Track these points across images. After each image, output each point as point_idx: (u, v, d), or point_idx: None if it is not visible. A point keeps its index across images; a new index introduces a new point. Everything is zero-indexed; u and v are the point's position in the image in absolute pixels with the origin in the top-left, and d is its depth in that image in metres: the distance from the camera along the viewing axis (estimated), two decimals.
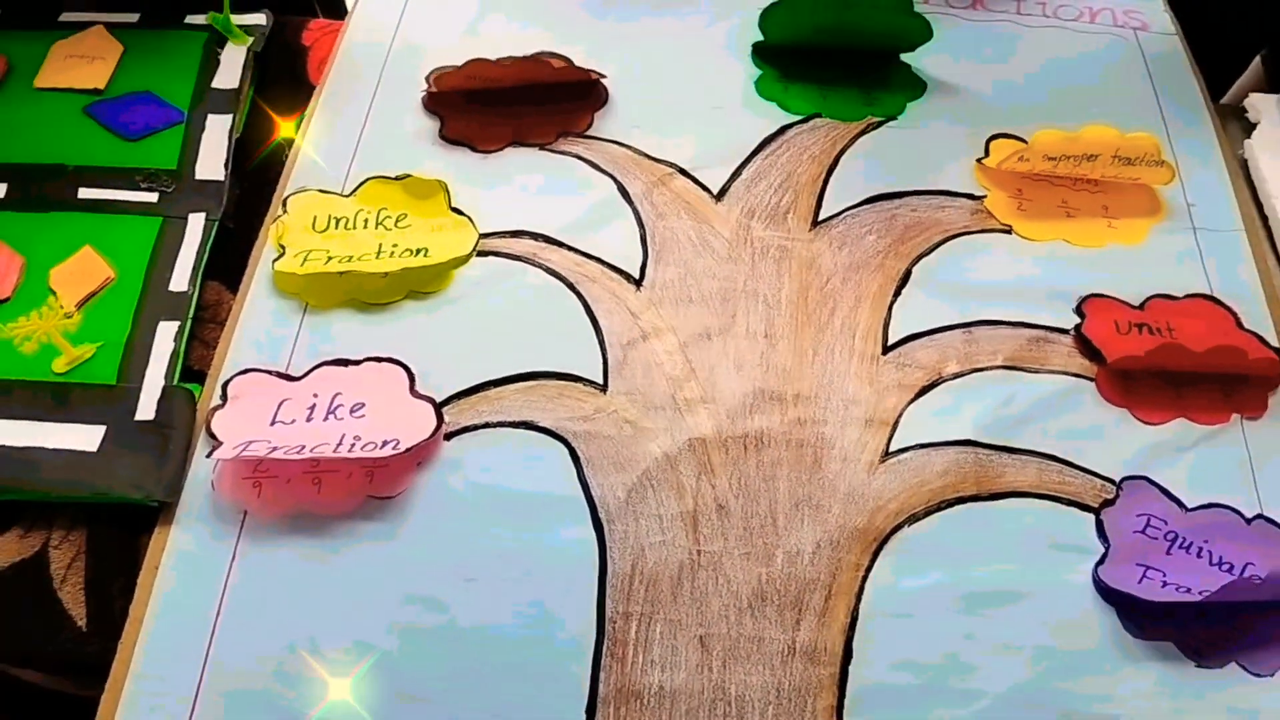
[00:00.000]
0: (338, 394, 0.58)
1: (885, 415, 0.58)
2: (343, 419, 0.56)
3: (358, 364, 0.59)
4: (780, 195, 0.67)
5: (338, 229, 0.64)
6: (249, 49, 0.71)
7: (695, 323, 0.61)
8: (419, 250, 0.62)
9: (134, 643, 0.51)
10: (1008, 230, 0.66)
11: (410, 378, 0.58)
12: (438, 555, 0.53)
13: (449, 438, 0.57)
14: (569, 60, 0.72)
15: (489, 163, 0.68)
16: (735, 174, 0.68)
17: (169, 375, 0.57)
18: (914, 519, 0.55)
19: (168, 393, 0.57)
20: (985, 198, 0.68)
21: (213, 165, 0.66)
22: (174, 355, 0.58)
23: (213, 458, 0.54)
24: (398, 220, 0.64)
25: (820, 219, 0.66)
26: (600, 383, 0.59)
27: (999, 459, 0.57)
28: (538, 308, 0.61)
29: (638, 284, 0.63)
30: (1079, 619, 0.53)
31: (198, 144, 0.67)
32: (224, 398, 0.57)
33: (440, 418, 0.57)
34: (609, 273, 0.63)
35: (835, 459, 0.57)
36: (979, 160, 0.70)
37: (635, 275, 0.63)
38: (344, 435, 0.55)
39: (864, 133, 0.71)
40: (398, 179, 0.66)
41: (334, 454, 0.54)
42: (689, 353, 0.60)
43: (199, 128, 0.68)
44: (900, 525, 0.55)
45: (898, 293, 0.63)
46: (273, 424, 0.56)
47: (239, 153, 0.68)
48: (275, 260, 0.62)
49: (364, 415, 0.57)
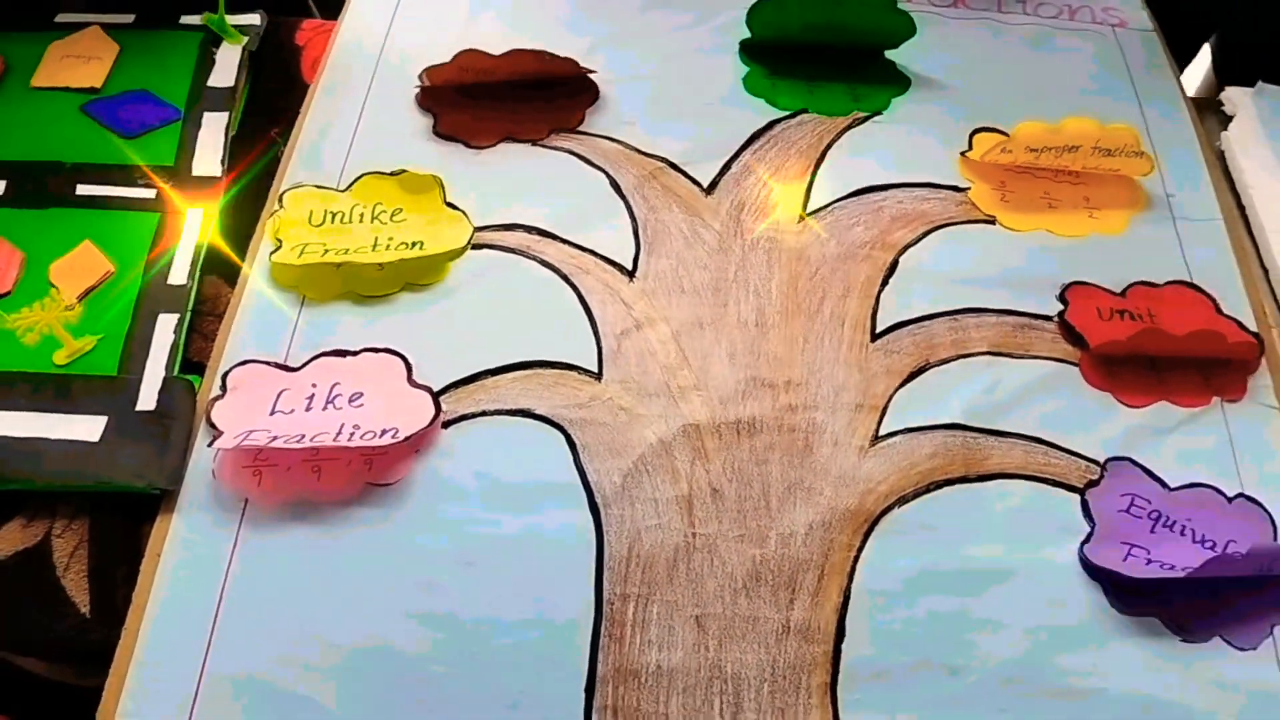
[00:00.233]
0: (336, 384, 0.58)
1: (874, 401, 0.59)
2: (341, 408, 0.57)
3: (355, 354, 0.60)
4: (769, 189, 0.68)
5: (334, 223, 0.64)
6: (244, 48, 0.72)
7: (688, 312, 0.62)
8: (414, 243, 0.63)
9: (137, 629, 0.51)
10: (992, 221, 0.68)
11: (408, 367, 0.59)
12: (436, 540, 0.54)
13: (447, 426, 0.58)
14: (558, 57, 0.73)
15: (482, 158, 0.69)
16: (725, 168, 0.69)
17: (169, 366, 0.58)
18: (903, 500, 0.56)
19: (168, 383, 0.57)
20: (969, 190, 0.69)
21: (210, 162, 0.67)
22: (174, 347, 0.59)
23: (213, 447, 0.55)
24: (393, 215, 0.65)
25: (809, 211, 0.67)
26: (595, 371, 0.60)
27: (986, 442, 0.58)
28: (533, 299, 0.62)
29: (631, 275, 0.64)
30: (1066, 596, 0.54)
31: (194, 141, 0.68)
32: (223, 388, 0.58)
33: (438, 406, 0.58)
34: (602, 264, 0.64)
35: (826, 443, 0.58)
36: (963, 153, 0.71)
37: (628, 267, 0.64)
38: (343, 424, 0.56)
39: (850, 127, 0.73)
40: (393, 174, 0.67)
41: (333, 443, 0.54)
42: (682, 341, 0.61)
43: (195, 125, 0.68)
44: (890, 507, 0.56)
45: (885, 282, 0.64)
46: (272, 414, 0.57)
47: (234, 149, 0.68)
48: (273, 253, 0.63)
49: (362, 405, 0.58)
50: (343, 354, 0.60)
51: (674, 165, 0.69)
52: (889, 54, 0.77)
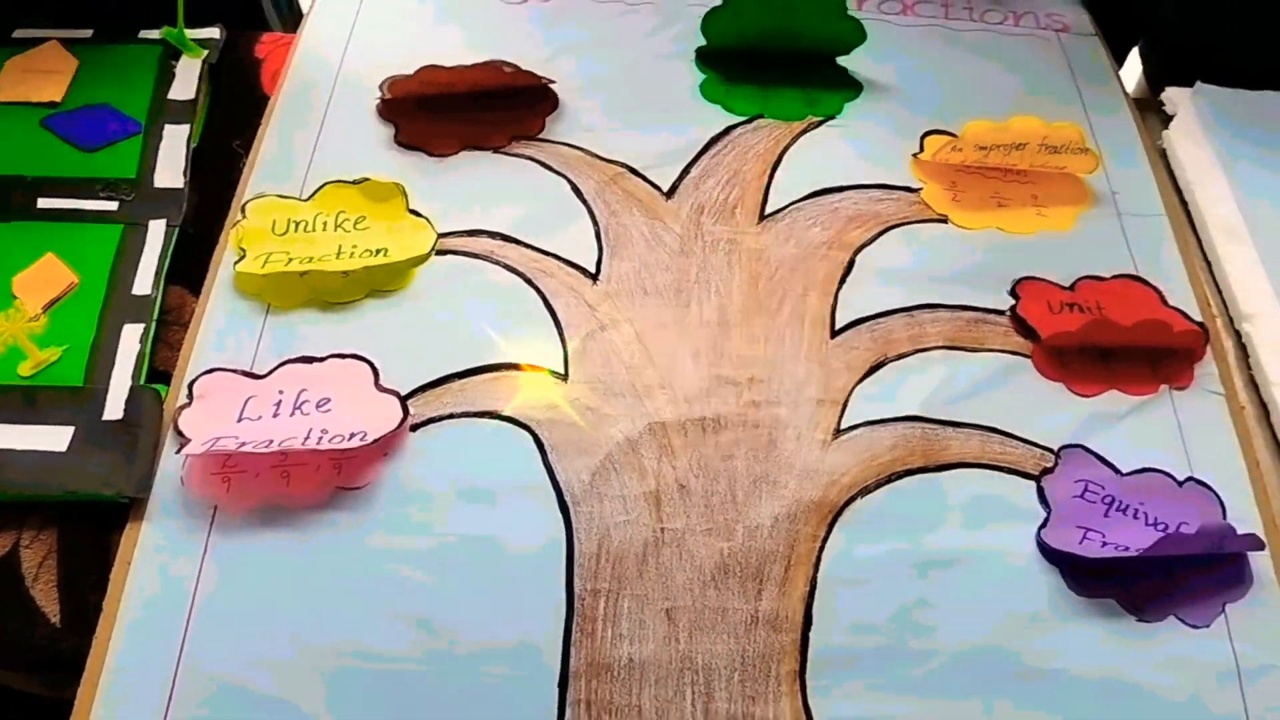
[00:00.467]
0: (303, 390, 0.59)
1: (835, 395, 0.61)
2: (309, 414, 0.58)
3: (322, 361, 0.60)
4: (728, 192, 0.70)
5: (297, 232, 0.65)
6: (204, 61, 0.73)
7: (651, 313, 0.63)
8: (378, 250, 0.64)
9: (109, 637, 0.51)
10: (944, 220, 0.70)
11: (374, 372, 0.60)
12: (408, 542, 0.54)
13: (415, 429, 0.58)
14: (519, 68, 0.74)
15: (444, 166, 0.70)
16: (684, 172, 0.71)
17: (135, 376, 0.58)
18: (866, 491, 0.57)
19: (135, 392, 0.57)
20: (922, 190, 0.71)
21: (171, 174, 0.67)
22: (140, 356, 0.59)
23: (182, 453, 0.55)
24: (356, 222, 0.66)
25: (767, 213, 0.69)
26: (562, 372, 0.60)
27: (944, 432, 0.60)
28: (498, 302, 0.63)
29: (594, 278, 0.65)
30: (1025, 580, 0.55)
31: (156, 153, 0.68)
32: (190, 397, 0.58)
33: (406, 410, 0.58)
34: (566, 268, 0.65)
35: (790, 438, 0.59)
36: (914, 155, 0.73)
37: (591, 270, 0.65)
38: (311, 429, 0.56)
39: (805, 132, 0.74)
40: (355, 183, 0.68)
41: (302, 446, 0.55)
42: (646, 342, 0.62)
43: (157, 138, 0.69)
44: (853, 497, 0.57)
45: (843, 281, 0.66)
46: (240, 420, 0.57)
47: (197, 161, 0.69)
48: (236, 263, 0.63)
49: (330, 410, 0.58)
50: (309, 360, 0.60)
51: (634, 170, 0.70)
52: (841, 60, 0.78)
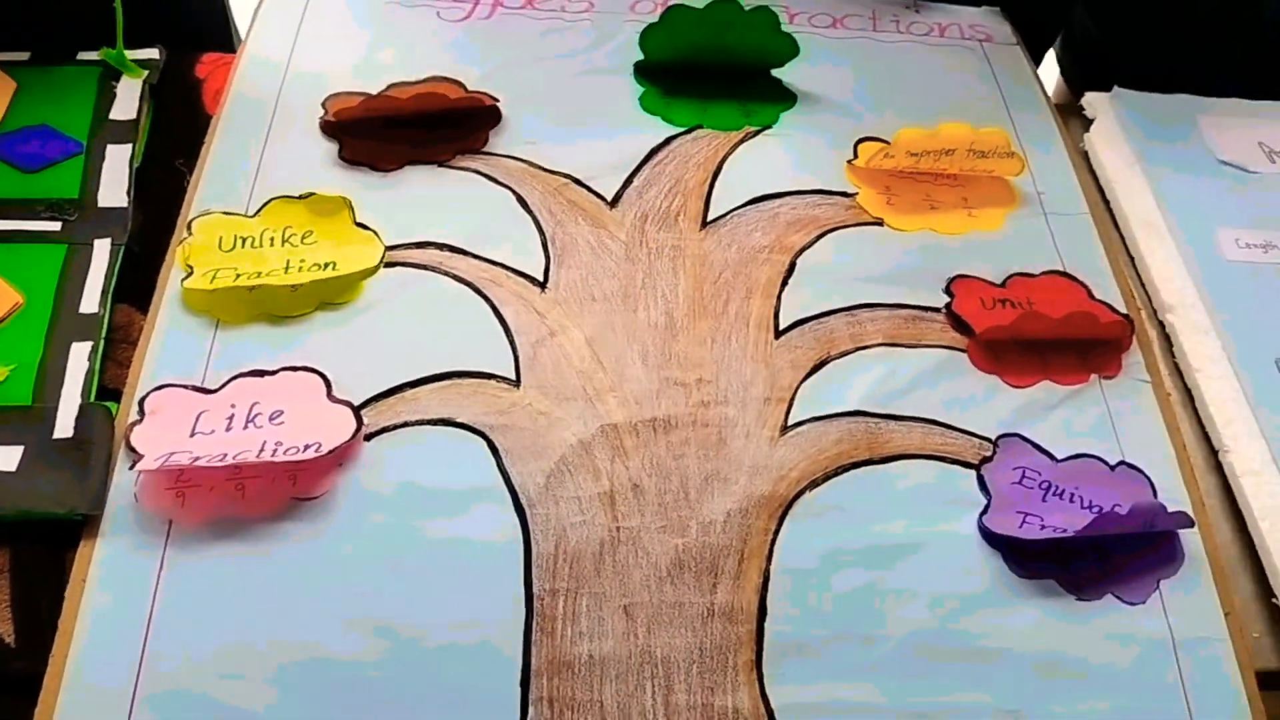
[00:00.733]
0: (255, 403, 0.59)
1: (781, 393, 0.62)
2: (262, 426, 0.58)
3: (273, 374, 0.60)
4: (670, 200, 0.71)
5: (244, 248, 0.65)
6: (144, 81, 0.73)
7: (600, 319, 0.64)
8: (327, 264, 0.64)
9: (65, 655, 0.51)
10: (879, 223, 0.72)
11: (327, 384, 0.60)
12: (365, 549, 0.55)
13: (369, 438, 0.58)
14: (462, 84, 0.75)
15: (389, 180, 0.71)
16: (627, 182, 0.72)
17: (85, 394, 0.58)
18: (814, 484, 0.59)
19: (85, 410, 0.57)
20: (857, 195, 0.73)
21: (115, 193, 0.67)
22: (89, 374, 0.59)
23: (135, 469, 0.55)
24: (303, 237, 0.66)
25: (709, 220, 0.71)
26: (513, 379, 0.61)
27: (887, 426, 0.62)
28: (448, 312, 0.64)
29: (542, 286, 0.66)
30: (969, 564, 0.57)
31: (99, 173, 0.68)
32: (141, 413, 0.58)
33: (359, 420, 0.59)
34: (514, 277, 0.66)
35: (739, 436, 0.60)
36: (849, 162, 0.76)
37: (539, 278, 0.66)
38: (265, 442, 0.56)
39: (743, 141, 0.76)
40: (301, 198, 0.68)
41: (257, 459, 0.55)
42: (596, 346, 0.63)
43: (99, 158, 0.68)
44: (802, 491, 0.59)
45: (784, 283, 0.68)
46: (192, 435, 0.57)
47: (141, 180, 0.69)
48: (184, 280, 0.63)
49: (283, 422, 0.58)
50: (261, 374, 0.60)
51: (578, 181, 0.72)
52: (776, 72, 0.81)
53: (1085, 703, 0.54)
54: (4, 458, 0.55)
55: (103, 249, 0.64)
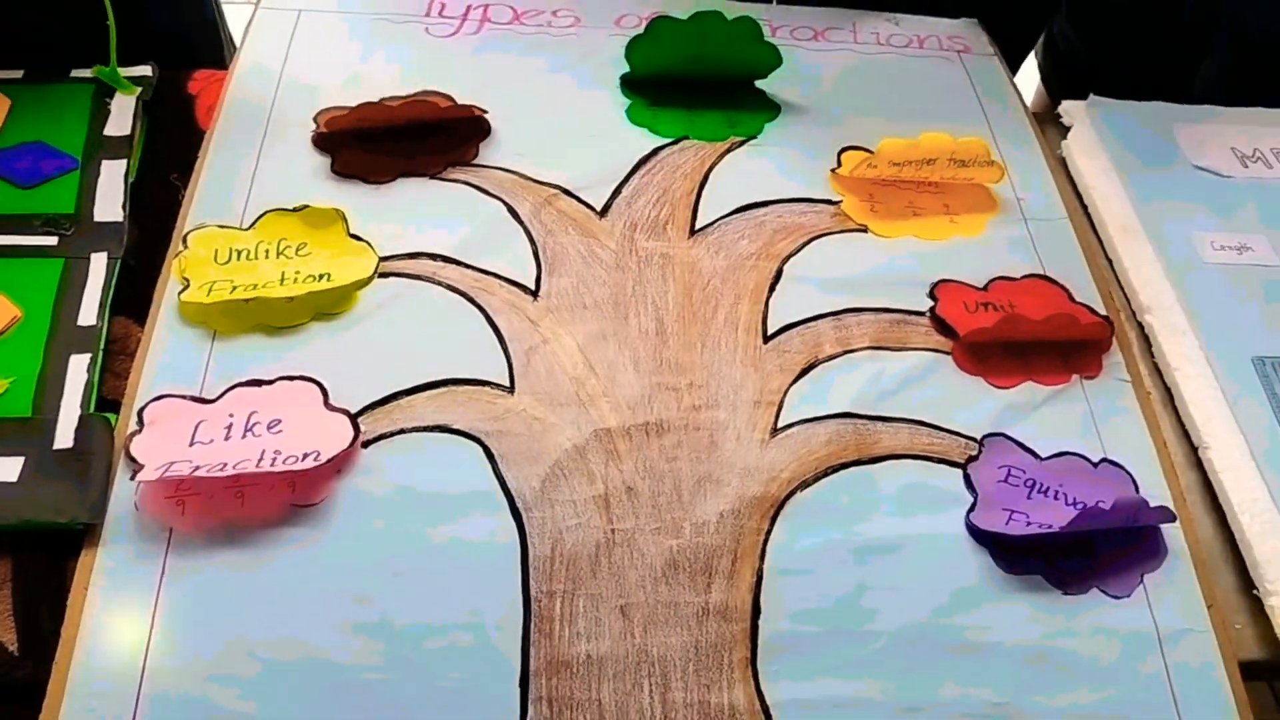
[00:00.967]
0: (254, 412, 0.60)
1: (771, 397, 0.64)
2: (261, 435, 0.59)
3: (271, 384, 0.61)
4: (658, 209, 0.73)
5: (240, 260, 0.66)
6: (138, 98, 0.74)
7: (591, 326, 0.66)
8: (321, 275, 0.65)
9: (68, 662, 0.51)
10: (864, 230, 0.73)
11: (324, 393, 0.61)
12: (365, 555, 0.56)
13: (367, 445, 0.59)
14: (451, 98, 0.76)
15: (381, 193, 0.72)
16: (615, 192, 0.73)
17: (84, 405, 0.58)
18: (805, 485, 0.60)
19: (85, 421, 0.58)
20: (842, 203, 0.75)
21: (111, 208, 0.68)
22: (88, 385, 0.59)
23: (136, 479, 0.56)
24: (298, 249, 0.67)
25: (697, 228, 0.72)
26: (508, 385, 0.62)
27: (875, 427, 0.63)
28: (442, 321, 0.65)
29: (534, 295, 0.67)
30: (957, 561, 0.58)
31: (94, 188, 0.68)
32: (140, 423, 0.59)
33: (357, 428, 0.59)
34: (506, 286, 0.67)
35: (730, 438, 0.62)
36: (833, 170, 0.77)
37: (531, 287, 0.67)
38: (264, 450, 0.57)
39: (729, 151, 0.78)
40: (295, 211, 0.69)
41: (256, 468, 0.56)
42: (588, 353, 0.64)
43: (94, 173, 0.69)
44: (793, 491, 0.60)
45: (772, 289, 0.69)
46: (191, 445, 0.58)
47: (136, 195, 0.69)
48: (181, 292, 0.64)
49: (281, 431, 0.59)
50: (258, 384, 0.61)
51: (567, 191, 0.73)
52: (760, 83, 0.82)
53: (1073, 694, 0.55)
54: (5, 468, 0.56)
55: (99, 262, 0.65)
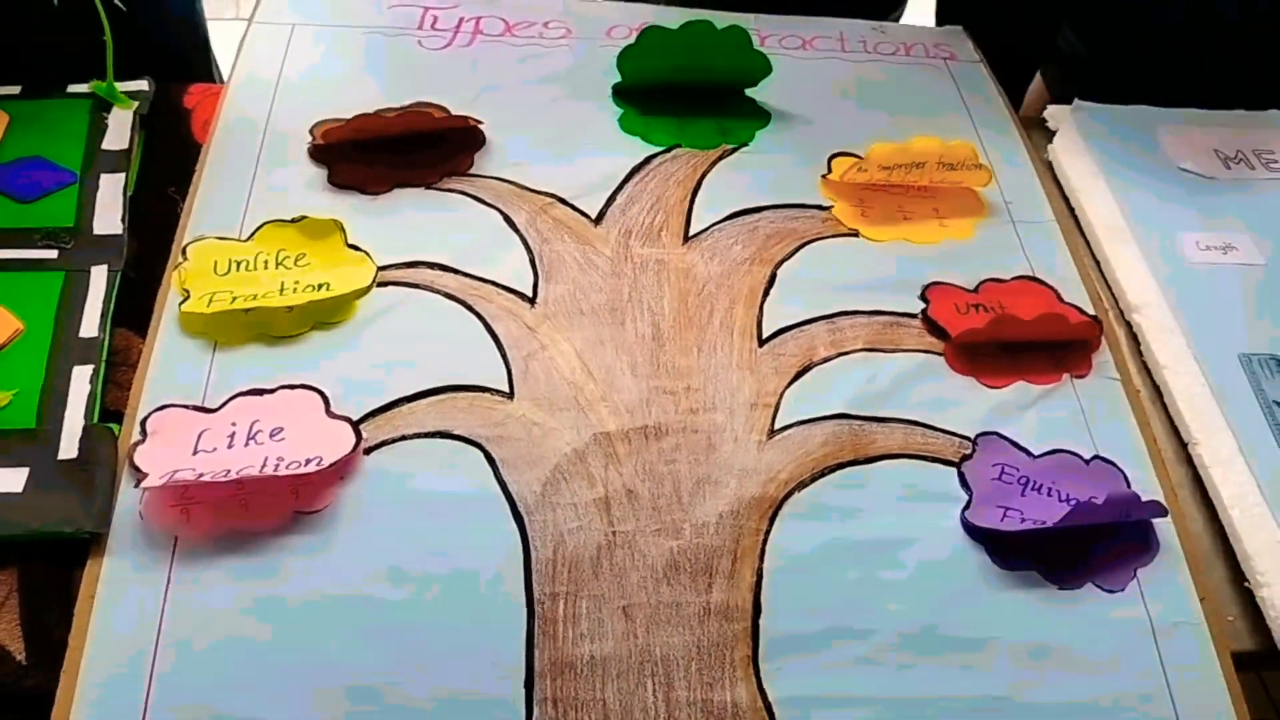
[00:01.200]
0: (256, 421, 0.60)
1: (767, 399, 0.64)
2: (263, 443, 0.59)
3: (272, 392, 0.62)
4: (653, 216, 0.74)
5: (239, 271, 0.67)
6: (135, 112, 0.74)
7: (589, 332, 0.66)
8: (320, 285, 0.66)
9: (77, 670, 0.51)
10: (855, 234, 0.75)
11: (325, 401, 0.61)
12: (369, 560, 0.56)
13: (368, 452, 0.60)
14: (446, 109, 0.77)
15: (378, 203, 0.72)
16: (610, 200, 0.74)
17: (88, 415, 0.59)
18: (802, 485, 0.61)
19: (88, 431, 0.58)
20: (833, 208, 0.76)
21: (110, 221, 0.68)
22: (91, 396, 0.60)
23: (141, 487, 0.56)
24: (297, 259, 0.68)
25: (691, 234, 0.73)
26: (507, 391, 0.63)
27: (870, 428, 0.64)
28: (440, 328, 0.66)
29: (531, 302, 0.68)
30: (953, 558, 0.59)
31: (93, 202, 0.69)
32: (144, 433, 0.59)
33: (358, 434, 0.60)
34: (503, 293, 0.68)
35: (727, 440, 0.62)
36: (824, 176, 0.78)
37: (528, 294, 0.68)
38: (266, 457, 0.58)
39: (720, 159, 0.79)
40: (293, 221, 0.70)
41: (260, 474, 0.56)
42: (585, 358, 0.65)
43: (93, 187, 0.70)
44: (791, 492, 0.60)
45: (766, 293, 0.70)
46: (195, 453, 0.58)
47: (134, 208, 0.70)
48: (181, 303, 0.64)
49: (284, 438, 0.59)
50: (260, 393, 0.61)
51: (563, 200, 0.74)
52: (750, 92, 0.83)
53: (1070, 687, 0.56)
54: (10, 479, 0.56)
55: (99, 275, 0.65)
